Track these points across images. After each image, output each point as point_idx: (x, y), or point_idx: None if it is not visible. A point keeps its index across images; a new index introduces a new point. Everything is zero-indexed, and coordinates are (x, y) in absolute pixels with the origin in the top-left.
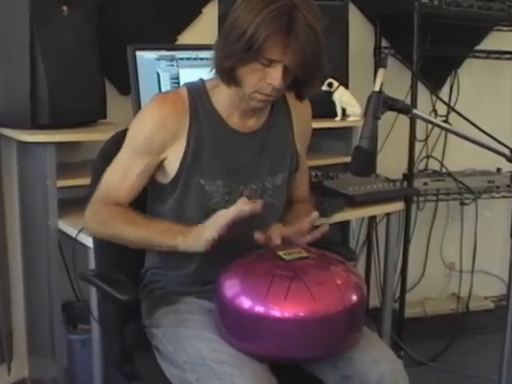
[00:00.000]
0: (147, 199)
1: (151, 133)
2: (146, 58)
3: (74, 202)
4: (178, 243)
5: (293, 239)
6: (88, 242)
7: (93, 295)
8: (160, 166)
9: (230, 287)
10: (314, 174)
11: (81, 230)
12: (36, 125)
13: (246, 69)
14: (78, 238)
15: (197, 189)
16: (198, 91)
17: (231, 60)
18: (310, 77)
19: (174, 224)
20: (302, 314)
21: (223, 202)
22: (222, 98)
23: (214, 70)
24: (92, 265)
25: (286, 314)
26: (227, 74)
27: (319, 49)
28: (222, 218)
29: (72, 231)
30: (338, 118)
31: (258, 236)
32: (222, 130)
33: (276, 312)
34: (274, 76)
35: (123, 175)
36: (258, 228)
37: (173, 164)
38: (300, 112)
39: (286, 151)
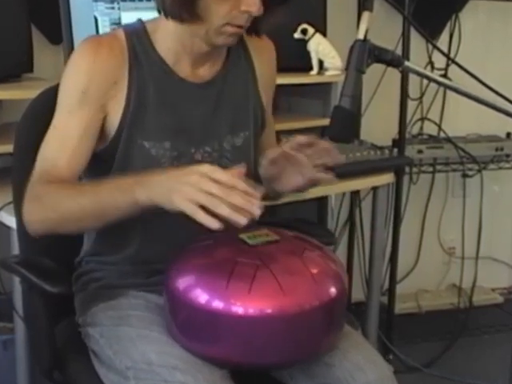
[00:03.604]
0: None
1: (87, 82)
2: None
3: None
4: (138, 196)
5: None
6: (10, 221)
7: (16, 287)
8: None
9: (183, 278)
10: (285, 139)
11: (1, 208)
12: None
13: None
14: None
15: (141, 154)
16: (137, 34)
17: None
18: None
19: (124, 177)
20: (269, 311)
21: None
22: (167, 42)
23: (162, 7)
24: (15, 250)
25: (251, 311)
26: (187, 7)
27: None
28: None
29: None
30: (314, 71)
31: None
32: (169, 81)
33: (238, 308)
34: (251, 1)
35: (61, 143)
36: None
37: (112, 122)
38: (262, 54)
39: (248, 105)
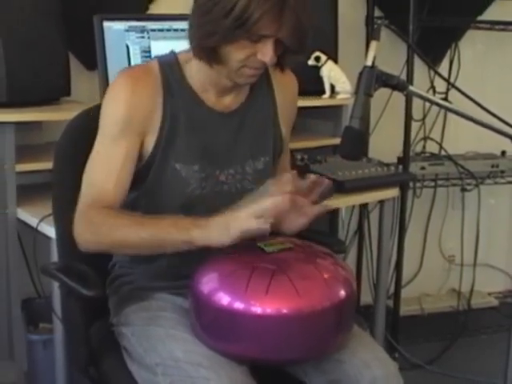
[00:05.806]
0: None
1: (127, 112)
2: (114, 29)
3: (35, 189)
4: (195, 236)
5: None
6: (50, 232)
7: (55, 291)
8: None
9: (207, 282)
10: (299, 157)
11: (42, 219)
12: None
13: (232, 46)
14: (39, 227)
15: (172, 175)
16: (170, 65)
17: (216, 37)
18: (302, 45)
19: (183, 217)
20: (285, 311)
21: (200, 190)
22: (197, 73)
23: (190, 47)
24: (55, 257)
25: (268, 311)
26: (209, 52)
27: (309, 14)
28: (266, 203)
29: (33, 221)
30: (327, 95)
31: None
32: (198, 109)
33: (256, 308)
34: (266, 52)
35: (106, 170)
36: None
37: (148, 145)
38: (285, 88)
39: (268, 133)
